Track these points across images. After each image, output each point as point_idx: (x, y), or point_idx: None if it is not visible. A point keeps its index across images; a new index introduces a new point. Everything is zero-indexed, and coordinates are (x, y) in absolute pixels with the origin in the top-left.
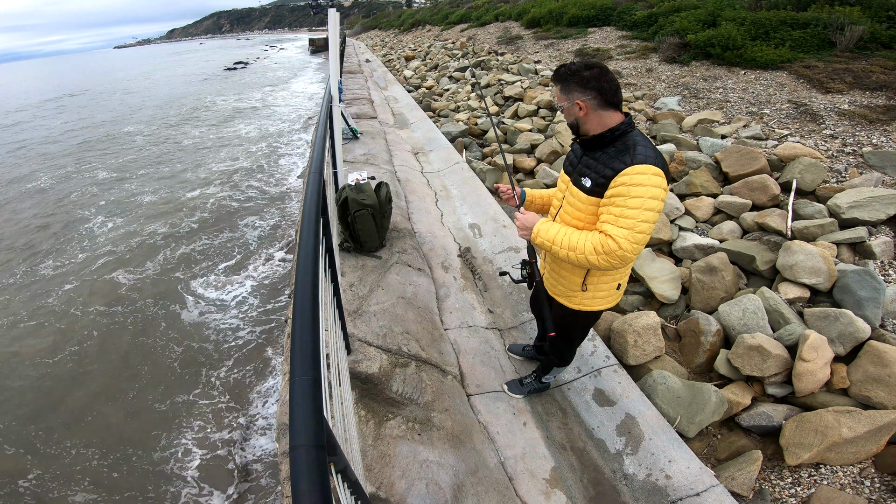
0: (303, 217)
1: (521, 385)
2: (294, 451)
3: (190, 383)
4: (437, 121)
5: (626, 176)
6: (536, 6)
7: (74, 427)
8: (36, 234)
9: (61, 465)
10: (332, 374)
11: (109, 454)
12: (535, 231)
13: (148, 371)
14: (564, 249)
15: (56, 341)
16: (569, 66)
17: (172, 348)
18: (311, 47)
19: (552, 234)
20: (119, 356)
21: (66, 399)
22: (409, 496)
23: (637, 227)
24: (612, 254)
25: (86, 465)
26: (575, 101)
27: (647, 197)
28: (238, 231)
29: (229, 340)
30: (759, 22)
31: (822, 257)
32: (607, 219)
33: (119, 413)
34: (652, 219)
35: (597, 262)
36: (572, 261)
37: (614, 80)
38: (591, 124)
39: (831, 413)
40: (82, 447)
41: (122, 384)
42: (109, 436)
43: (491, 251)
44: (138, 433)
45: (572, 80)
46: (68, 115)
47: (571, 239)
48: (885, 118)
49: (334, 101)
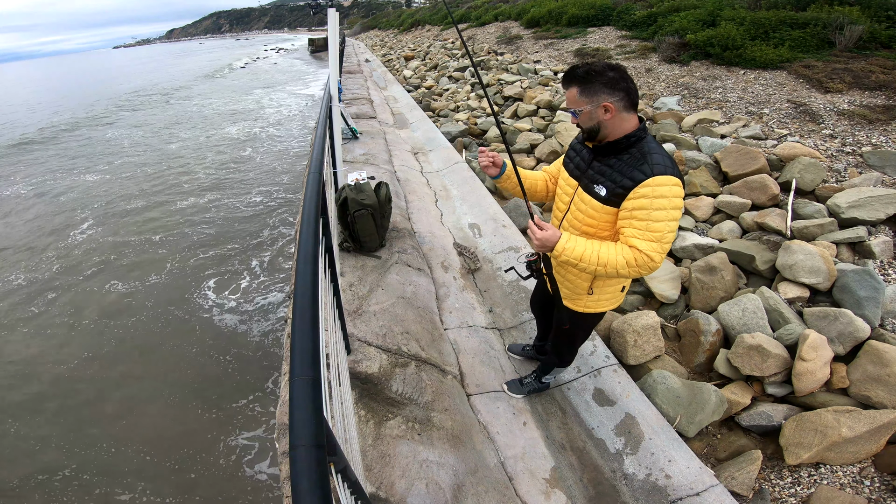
0: (302, 217)
1: (521, 385)
2: (294, 451)
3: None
4: (437, 120)
5: (647, 188)
6: (536, 6)
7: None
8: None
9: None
10: (332, 374)
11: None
12: (559, 249)
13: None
14: (594, 265)
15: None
16: (591, 67)
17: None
18: (311, 47)
19: (579, 252)
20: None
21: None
22: (409, 496)
23: (665, 238)
24: (644, 266)
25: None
26: (602, 104)
27: (670, 208)
28: None
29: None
30: (758, 22)
31: (821, 257)
32: (633, 233)
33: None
34: (675, 227)
35: (628, 274)
36: (600, 274)
37: (634, 81)
38: (612, 128)
39: (831, 413)
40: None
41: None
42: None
43: (491, 251)
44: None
45: (598, 81)
46: (149, 113)
47: (601, 255)
48: (884, 118)
49: (334, 101)
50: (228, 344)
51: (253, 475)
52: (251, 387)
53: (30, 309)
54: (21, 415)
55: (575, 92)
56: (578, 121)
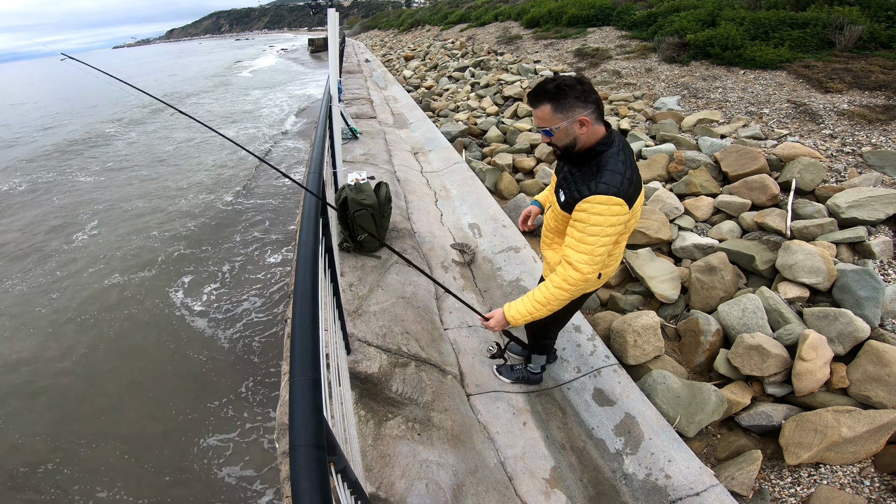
0: (302, 217)
1: (512, 370)
2: (294, 451)
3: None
4: (437, 120)
5: (588, 204)
6: (536, 6)
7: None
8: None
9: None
10: (332, 374)
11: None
12: (510, 320)
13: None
14: (542, 309)
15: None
16: (560, 81)
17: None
18: (311, 47)
19: (525, 309)
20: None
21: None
22: (409, 496)
23: (595, 252)
24: (577, 283)
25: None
26: (578, 118)
27: (605, 226)
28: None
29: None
30: (758, 22)
31: (821, 257)
32: (569, 242)
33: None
34: (609, 241)
35: (571, 294)
36: (556, 308)
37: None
38: (585, 142)
39: (831, 413)
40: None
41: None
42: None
43: (491, 251)
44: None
45: (571, 95)
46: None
47: (538, 298)
48: (884, 118)
49: (334, 101)
50: (202, 346)
51: (224, 477)
52: (227, 389)
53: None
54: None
55: (548, 109)
56: (553, 139)
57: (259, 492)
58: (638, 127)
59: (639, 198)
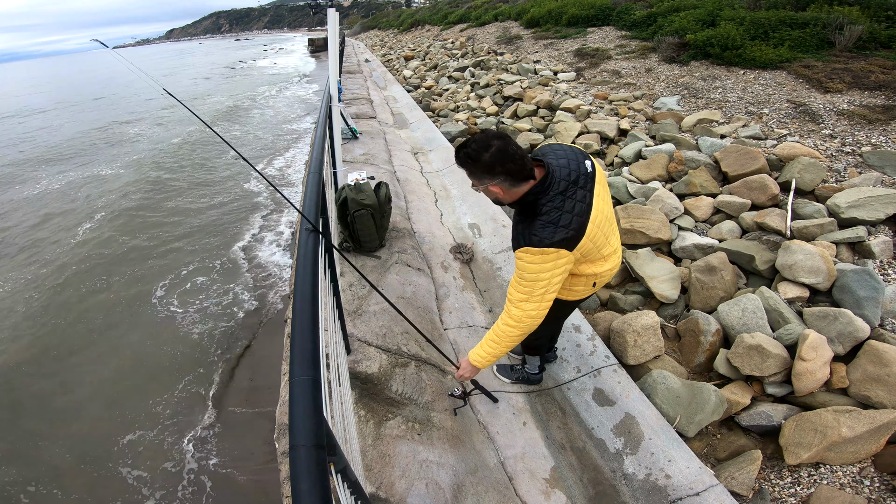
0: (302, 217)
1: (511, 371)
2: (294, 451)
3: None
4: (437, 121)
5: (521, 253)
6: (536, 6)
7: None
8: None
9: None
10: (332, 374)
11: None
12: (476, 365)
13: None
14: (499, 347)
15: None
16: (467, 151)
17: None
18: (310, 47)
19: (484, 352)
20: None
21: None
22: (409, 496)
23: (534, 292)
24: (521, 319)
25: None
26: (488, 186)
27: (540, 272)
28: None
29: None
30: (758, 22)
31: (821, 257)
32: (511, 281)
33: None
34: (553, 282)
35: (521, 332)
36: (515, 345)
37: (518, 154)
38: (513, 196)
39: (831, 412)
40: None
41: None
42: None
43: (491, 251)
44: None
45: (477, 168)
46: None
47: (492, 338)
48: (884, 118)
49: (333, 101)
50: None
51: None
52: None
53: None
54: None
55: (465, 172)
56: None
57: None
58: (638, 127)
59: (588, 227)
